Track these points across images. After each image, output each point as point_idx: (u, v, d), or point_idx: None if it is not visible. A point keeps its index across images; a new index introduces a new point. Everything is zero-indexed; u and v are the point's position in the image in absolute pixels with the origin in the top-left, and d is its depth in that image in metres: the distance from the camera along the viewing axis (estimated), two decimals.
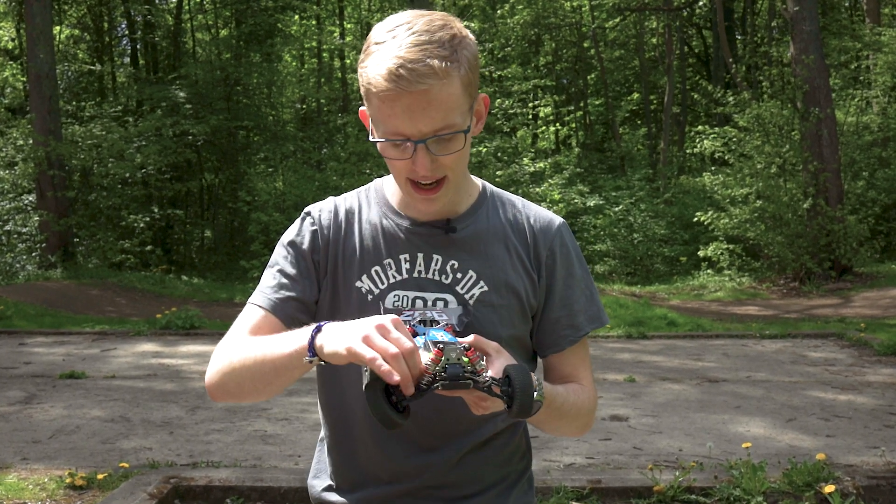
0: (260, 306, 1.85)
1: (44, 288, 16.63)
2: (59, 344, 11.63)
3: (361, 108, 1.80)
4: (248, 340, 1.77)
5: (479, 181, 1.96)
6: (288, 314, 1.83)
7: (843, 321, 13.05)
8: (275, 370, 1.68)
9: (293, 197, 20.58)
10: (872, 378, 8.95)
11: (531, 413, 1.54)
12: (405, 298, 1.84)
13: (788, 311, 15.03)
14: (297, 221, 1.94)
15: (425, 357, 1.49)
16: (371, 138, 1.76)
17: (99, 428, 7.09)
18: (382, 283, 1.85)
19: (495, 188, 1.98)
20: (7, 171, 21.39)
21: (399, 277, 1.85)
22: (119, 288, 17.96)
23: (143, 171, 22.09)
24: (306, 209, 1.95)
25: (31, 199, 21.29)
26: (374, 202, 1.93)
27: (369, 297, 1.85)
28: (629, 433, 6.87)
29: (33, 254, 20.20)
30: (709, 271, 20.47)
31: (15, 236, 21.07)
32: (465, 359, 1.50)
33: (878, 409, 7.56)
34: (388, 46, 1.64)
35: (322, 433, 2.01)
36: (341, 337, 1.53)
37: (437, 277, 1.84)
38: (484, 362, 1.55)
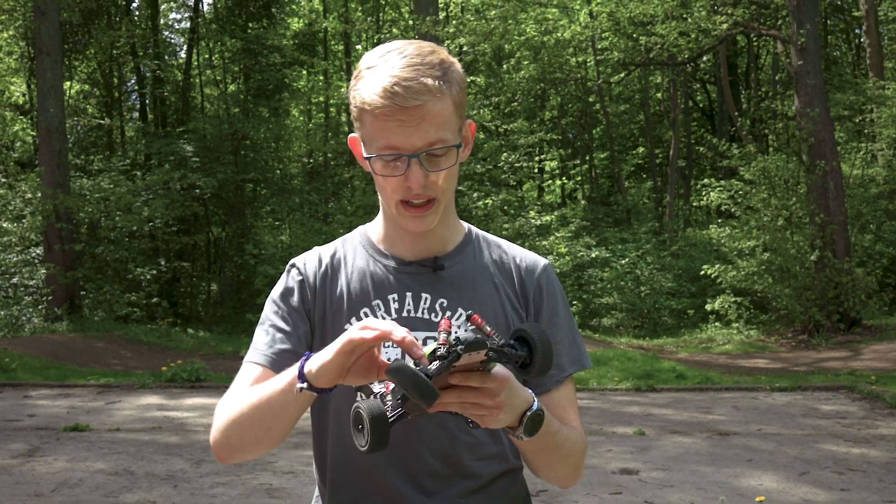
0: (256, 363, 1.82)
1: (49, 341, 16.59)
2: (64, 396, 11.56)
3: (351, 135, 1.82)
4: (244, 393, 1.74)
5: (464, 224, 1.97)
6: (285, 367, 1.76)
7: (854, 374, 12.92)
8: (272, 412, 1.65)
9: (300, 250, 20.42)
10: (885, 431, 8.83)
11: (546, 372, 1.52)
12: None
13: (798, 363, 14.90)
14: (283, 275, 1.93)
15: (430, 346, 1.47)
16: (364, 155, 1.75)
17: (102, 481, 7.00)
18: None
19: (480, 231, 1.99)
20: (15, 224, 21.45)
21: (388, 318, 1.83)
22: (124, 341, 17.90)
23: (151, 224, 22.14)
24: (290, 262, 1.94)
25: (38, 251, 21.33)
26: (359, 247, 1.93)
27: None
28: (639, 487, 6.76)
29: (40, 307, 20.18)
30: (717, 324, 20.36)
31: (22, 289, 21.06)
32: (472, 325, 1.51)
33: (893, 463, 7.45)
34: (382, 68, 1.67)
35: (317, 492, 1.99)
36: (328, 349, 1.53)
37: (426, 316, 1.83)
38: (490, 327, 1.53)
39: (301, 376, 1.57)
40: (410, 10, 24.74)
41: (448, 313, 1.81)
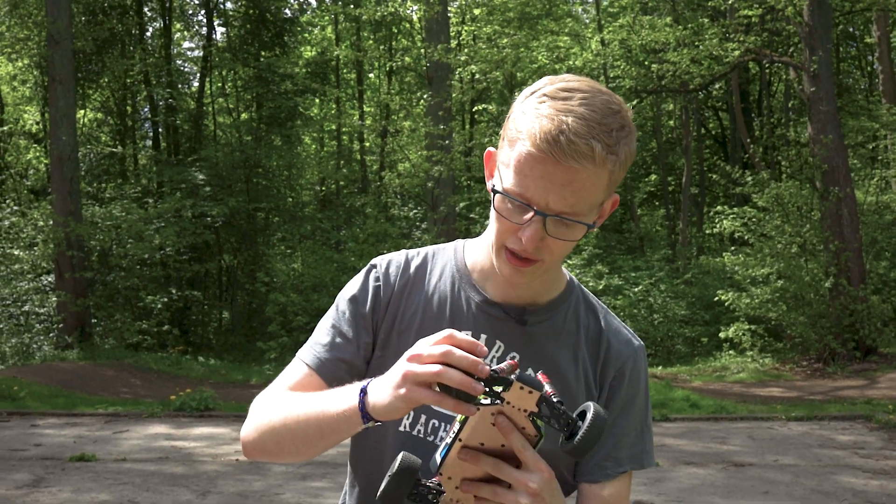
0: (307, 364, 1.73)
1: (59, 369, 16.53)
2: (71, 426, 11.48)
3: (490, 149, 1.69)
4: (290, 398, 1.65)
5: (567, 274, 1.82)
6: (335, 376, 1.70)
7: (870, 403, 12.74)
8: (320, 432, 1.56)
9: (311, 278, 20.55)
10: None
11: (588, 449, 1.36)
12: None
13: (813, 392, 14.71)
14: (362, 273, 1.81)
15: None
16: (491, 184, 1.62)
17: None
18: None
19: (584, 288, 1.84)
20: (27, 252, 21.48)
21: None
22: (135, 369, 17.84)
23: (162, 251, 22.16)
24: (372, 261, 1.82)
25: (49, 279, 21.35)
26: (450, 267, 1.80)
27: None
28: None
29: (50, 334, 20.16)
30: (731, 352, 20.17)
31: (33, 317, 21.06)
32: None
33: None
34: (558, 105, 1.51)
35: (346, 486, 1.88)
36: (388, 384, 1.42)
37: (493, 365, 1.70)
38: (551, 387, 1.40)
39: (365, 414, 1.46)
40: (423, 39, 24.80)
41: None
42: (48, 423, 11.74)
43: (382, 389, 1.43)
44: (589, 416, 1.37)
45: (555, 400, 1.37)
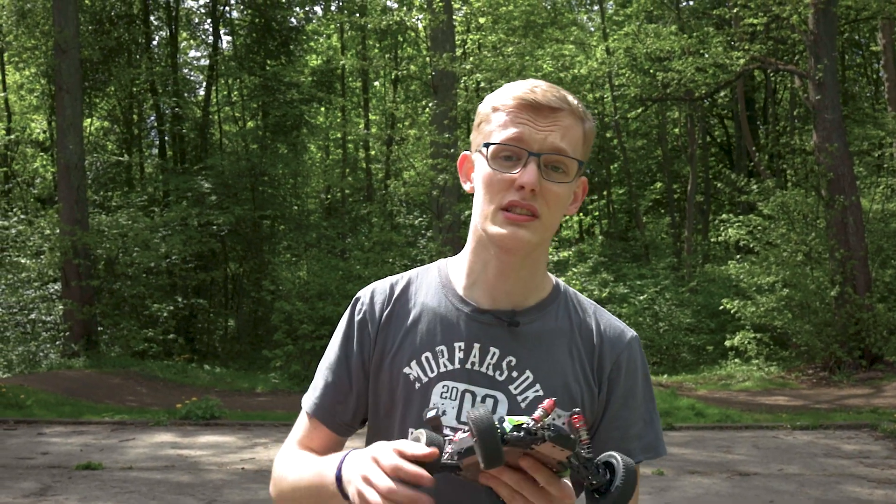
0: (308, 413, 1.83)
1: (65, 377, 16.58)
2: (78, 434, 11.52)
3: (464, 153, 1.77)
4: (296, 459, 1.76)
5: (554, 278, 1.86)
6: (336, 421, 1.80)
7: (876, 411, 12.73)
8: (318, 498, 1.64)
9: (317, 286, 20.55)
10: None
11: None
12: (454, 390, 1.72)
13: (818, 401, 14.70)
14: (348, 310, 1.85)
15: (521, 418, 1.36)
16: (483, 142, 1.68)
17: None
18: (432, 371, 1.74)
19: (571, 289, 1.87)
20: (34, 261, 21.55)
21: (450, 367, 1.73)
22: (141, 377, 17.88)
23: (168, 260, 22.21)
24: (357, 294, 1.86)
25: (56, 287, 21.39)
26: (435, 284, 1.83)
27: (416, 385, 1.74)
28: None
29: (57, 342, 20.21)
30: (736, 360, 20.14)
31: (39, 325, 21.11)
32: (570, 422, 1.40)
33: None
34: (522, 83, 1.67)
35: None
36: (353, 475, 1.49)
37: (490, 372, 1.72)
38: (586, 434, 1.41)
39: (339, 482, 1.54)
40: (428, 48, 24.86)
41: (530, 379, 1.70)
42: (55, 431, 11.77)
43: (352, 469, 1.50)
44: (618, 473, 1.38)
45: (586, 455, 1.39)
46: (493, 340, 1.73)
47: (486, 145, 1.66)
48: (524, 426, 1.34)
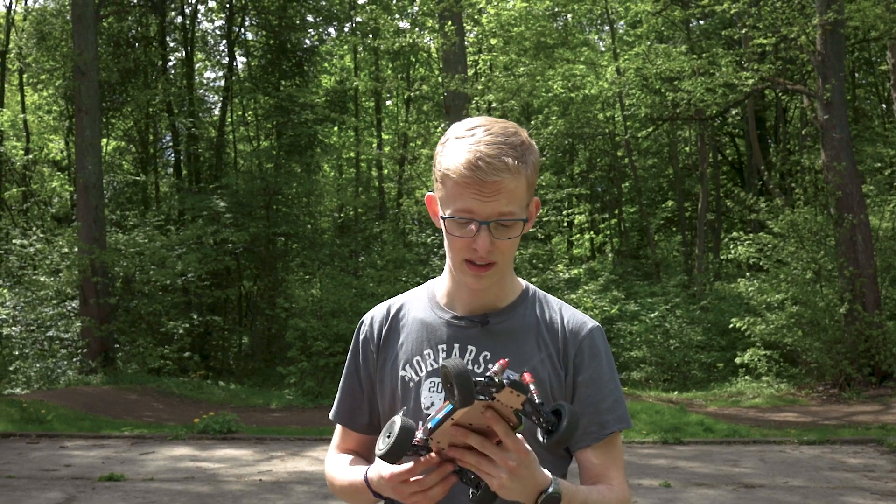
0: (337, 421, 2.24)
1: (83, 393, 16.84)
2: (99, 447, 11.76)
3: (429, 194, 2.06)
4: (336, 462, 2.18)
5: (523, 282, 2.17)
6: (356, 423, 2.20)
7: (884, 428, 12.84)
8: (361, 499, 2.04)
9: (330, 304, 20.78)
10: None
11: (565, 444, 1.70)
12: (440, 385, 2.04)
13: (828, 417, 14.83)
14: (356, 332, 2.23)
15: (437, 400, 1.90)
16: (440, 217, 1.98)
17: None
18: (421, 371, 2.08)
19: (540, 291, 2.19)
20: (52, 279, 21.87)
21: (435, 366, 2.07)
22: (157, 393, 18.13)
23: (184, 278, 22.48)
24: (362, 318, 2.24)
25: (74, 305, 21.68)
26: (423, 299, 2.17)
27: (411, 384, 2.09)
28: None
29: (74, 359, 20.47)
30: (746, 377, 20.24)
31: (57, 342, 21.39)
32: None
33: None
34: (468, 141, 1.91)
35: None
36: (381, 477, 1.90)
37: (469, 367, 1.99)
38: (535, 388, 1.72)
39: (375, 493, 1.96)
40: (440, 68, 25.16)
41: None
42: (76, 444, 12.03)
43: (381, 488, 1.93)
44: (565, 414, 1.71)
45: (537, 401, 1.70)
46: (469, 340, 2.07)
47: (443, 218, 1.96)
48: (486, 376, 1.67)
